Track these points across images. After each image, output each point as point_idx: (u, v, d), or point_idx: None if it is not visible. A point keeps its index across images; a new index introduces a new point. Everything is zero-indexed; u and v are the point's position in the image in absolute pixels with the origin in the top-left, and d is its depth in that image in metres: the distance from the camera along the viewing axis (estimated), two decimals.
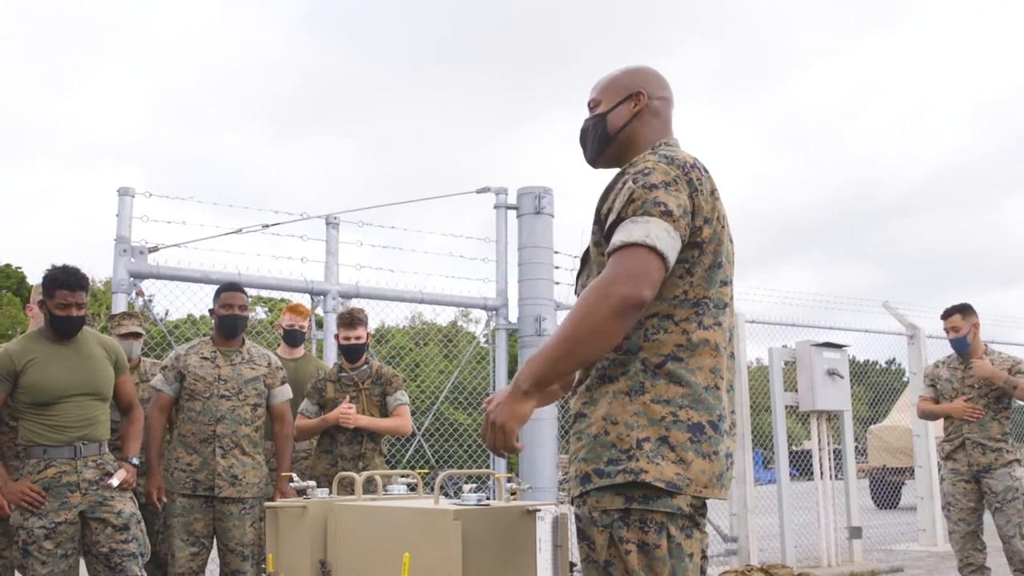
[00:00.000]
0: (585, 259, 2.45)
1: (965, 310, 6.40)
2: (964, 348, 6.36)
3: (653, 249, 2.16)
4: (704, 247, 2.31)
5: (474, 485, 3.62)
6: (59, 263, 4.46)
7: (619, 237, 2.19)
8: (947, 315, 6.45)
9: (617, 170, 2.46)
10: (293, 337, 6.21)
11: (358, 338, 5.69)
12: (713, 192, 2.37)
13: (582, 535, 2.29)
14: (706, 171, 2.39)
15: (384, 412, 5.66)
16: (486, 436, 2.25)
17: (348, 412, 5.43)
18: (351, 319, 5.73)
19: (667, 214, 2.20)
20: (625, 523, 2.20)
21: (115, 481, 4.41)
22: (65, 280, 4.39)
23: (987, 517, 6.31)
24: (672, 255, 2.20)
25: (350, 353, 5.70)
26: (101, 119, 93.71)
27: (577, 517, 2.31)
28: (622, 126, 2.53)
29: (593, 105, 2.61)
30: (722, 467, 2.28)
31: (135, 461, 4.65)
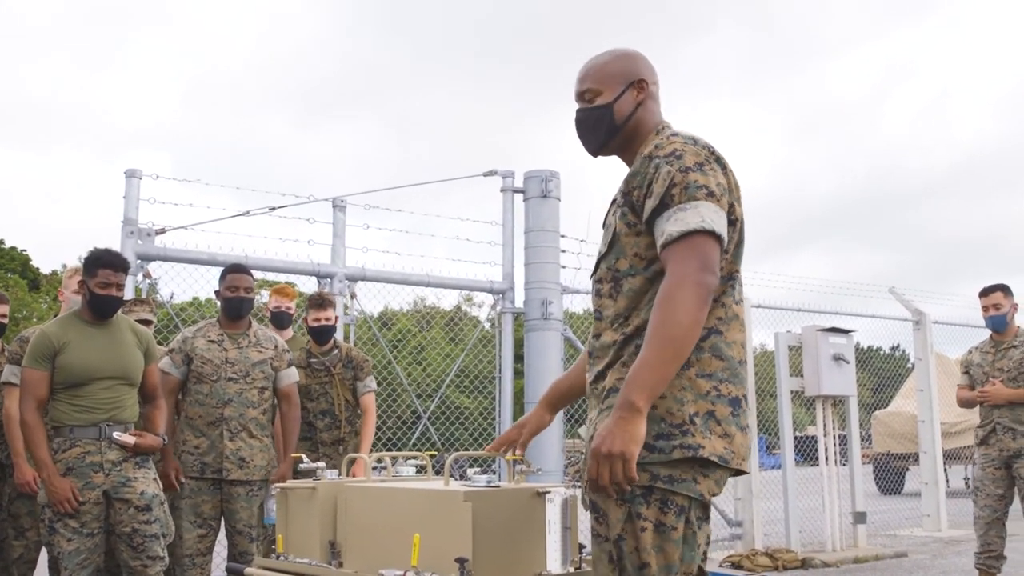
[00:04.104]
0: (612, 242, 2.43)
1: (1006, 289, 6.35)
2: (1002, 326, 6.29)
3: (711, 233, 2.23)
4: (736, 224, 2.37)
5: (478, 468, 3.62)
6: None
7: (674, 227, 2.23)
8: (988, 292, 6.35)
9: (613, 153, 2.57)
10: (280, 319, 6.19)
11: (328, 319, 5.76)
12: (731, 169, 2.41)
13: (595, 508, 2.29)
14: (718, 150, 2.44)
15: (355, 395, 5.70)
16: (599, 475, 2.15)
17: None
18: (321, 301, 5.79)
19: (710, 195, 2.26)
20: (646, 501, 2.20)
21: (117, 435, 4.42)
22: (109, 260, 4.48)
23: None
24: (725, 235, 2.27)
25: (320, 335, 5.75)
26: (133, 106, 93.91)
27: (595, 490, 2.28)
28: (629, 115, 2.52)
29: (590, 96, 2.56)
30: (750, 440, 2.35)
31: (164, 437, 4.68)
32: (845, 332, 9.27)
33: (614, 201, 2.52)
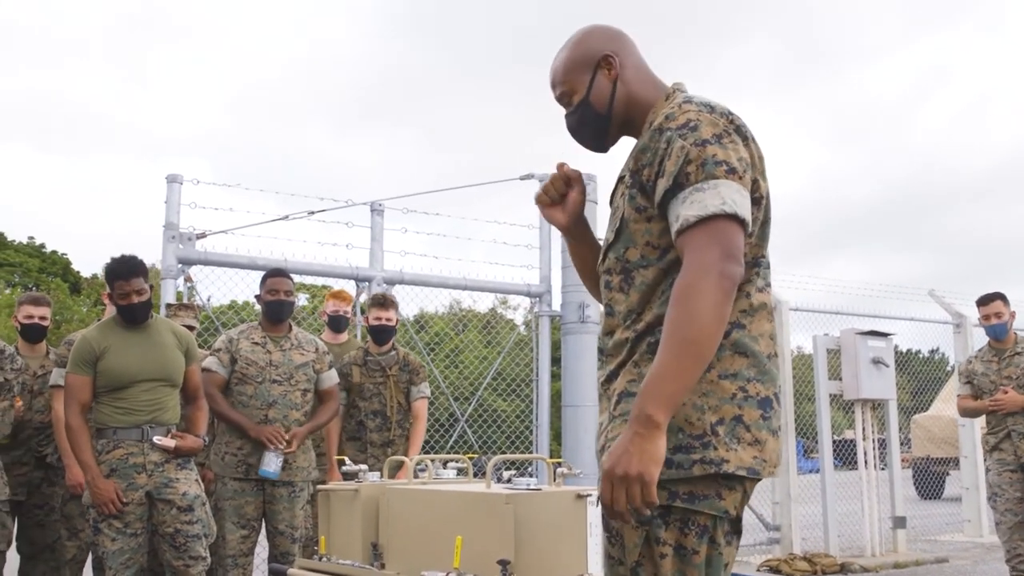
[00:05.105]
0: (620, 229, 2.15)
1: (1004, 297, 6.38)
2: (1003, 334, 6.30)
3: (734, 216, 1.94)
4: (761, 203, 2.08)
5: (514, 471, 3.63)
6: (111, 253, 4.56)
7: (691, 211, 1.95)
8: (988, 300, 6.37)
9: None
10: (338, 323, 6.27)
11: (389, 320, 5.76)
12: (754, 139, 2.12)
13: (608, 528, 2.05)
14: (739, 116, 2.14)
15: (408, 400, 5.72)
16: (614, 499, 1.87)
17: None
18: (384, 300, 5.81)
19: (731, 172, 1.97)
20: (665, 522, 1.96)
21: (158, 439, 4.47)
22: (119, 271, 4.50)
23: None
24: (749, 217, 1.99)
25: (379, 334, 5.76)
26: (174, 113, 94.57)
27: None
28: (610, 99, 2.25)
29: (566, 99, 2.32)
30: (781, 442, 2.07)
31: (204, 438, 4.73)
32: (884, 335, 9.20)
33: (621, 179, 2.21)
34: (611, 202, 2.26)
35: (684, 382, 1.87)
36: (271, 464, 4.94)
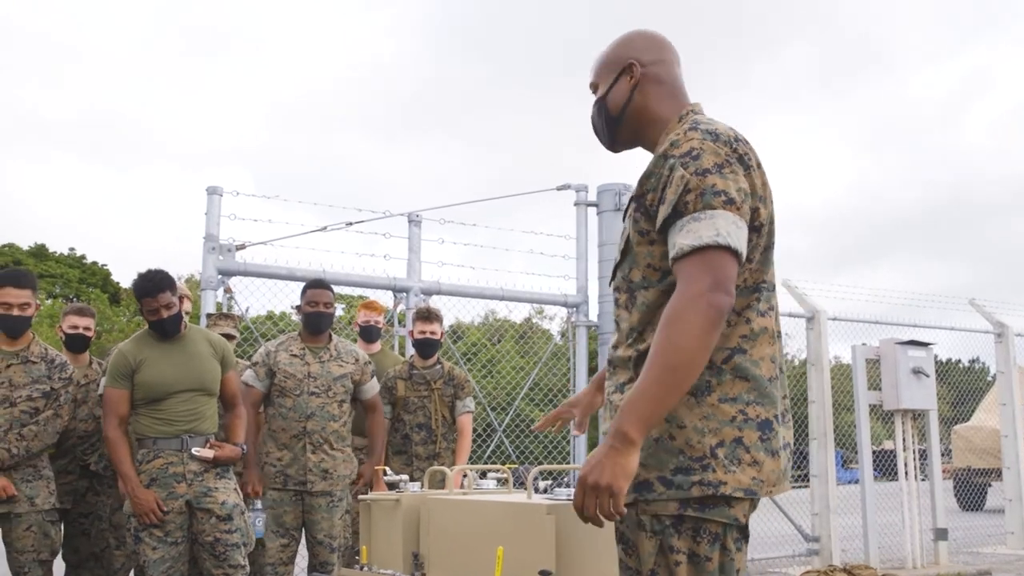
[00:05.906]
0: (626, 250, 2.23)
1: None
2: None
3: (727, 248, 1.99)
4: (761, 230, 2.14)
5: (551, 481, 3.64)
6: (142, 269, 4.63)
7: (687, 240, 2.00)
8: None
9: (640, 147, 2.38)
10: (369, 333, 6.29)
11: (433, 333, 5.78)
12: (760, 165, 2.18)
13: (623, 539, 2.15)
14: (747, 142, 2.20)
15: (453, 414, 5.73)
16: (585, 505, 1.97)
17: None
18: (428, 313, 5.83)
19: (730, 203, 2.02)
20: (677, 531, 2.05)
21: (196, 450, 4.51)
22: (145, 288, 4.55)
23: None
24: (744, 248, 2.04)
25: (424, 348, 5.77)
26: (216, 126, 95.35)
27: (620, 519, 2.11)
28: (624, 104, 2.34)
29: (593, 89, 2.43)
30: (785, 461, 2.14)
31: (243, 447, 4.77)
32: (924, 345, 9.11)
33: (631, 201, 2.27)
34: (623, 220, 2.33)
35: (662, 405, 1.96)
36: (261, 525, 4.97)
